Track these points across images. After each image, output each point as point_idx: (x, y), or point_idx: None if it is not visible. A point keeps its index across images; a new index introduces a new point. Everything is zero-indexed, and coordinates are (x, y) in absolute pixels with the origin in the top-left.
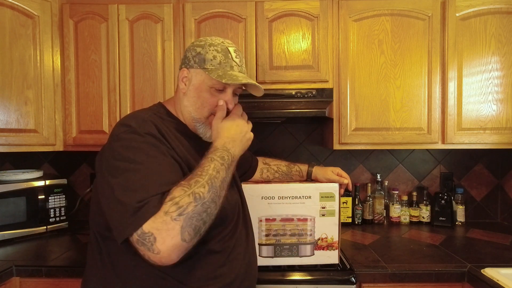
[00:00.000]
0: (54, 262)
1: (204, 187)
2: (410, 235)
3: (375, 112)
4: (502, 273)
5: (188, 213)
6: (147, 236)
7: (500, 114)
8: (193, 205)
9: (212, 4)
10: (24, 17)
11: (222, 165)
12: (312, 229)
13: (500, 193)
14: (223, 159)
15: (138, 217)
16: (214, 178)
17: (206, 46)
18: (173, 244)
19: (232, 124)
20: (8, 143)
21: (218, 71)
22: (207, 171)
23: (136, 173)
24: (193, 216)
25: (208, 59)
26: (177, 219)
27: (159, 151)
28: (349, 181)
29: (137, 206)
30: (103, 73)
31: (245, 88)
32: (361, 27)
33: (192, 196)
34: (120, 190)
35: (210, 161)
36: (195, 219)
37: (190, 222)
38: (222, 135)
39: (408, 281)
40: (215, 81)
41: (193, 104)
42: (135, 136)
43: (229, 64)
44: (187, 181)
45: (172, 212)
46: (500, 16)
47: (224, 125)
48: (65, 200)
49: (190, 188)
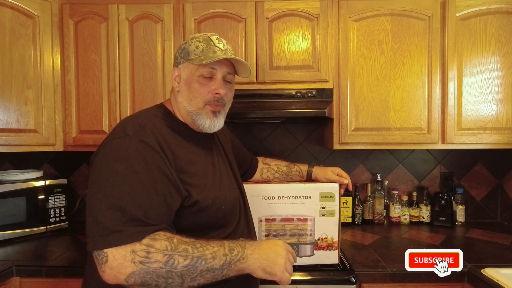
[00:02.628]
0: (54, 262)
1: (185, 259)
2: (410, 235)
3: (375, 112)
4: (502, 273)
5: (148, 267)
6: (102, 255)
7: (500, 114)
8: (159, 266)
9: (212, 4)
10: (24, 17)
11: (225, 256)
12: (312, 229)
13: (500, 193)
14: (231, 252)
15: (105, 241)
16: (203, 260)
17: (189, 40)
18: (115, 276)
19: (272, 242)
20: (8, 143)
21: (200, 57)
22: (204, 250)
23: (114, 188)
24: (150, 273)
25: (191, 50)
26: (135, 264)
27: (146, 166)
28: (349, 181)
29: (109, 229)
30: (103, 73)
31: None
32: (361, 27)
33: (166, 258)
34: (96, 203)
35: (219, 245)
36: (150, 277)
37: (143, 275)
38: (255, 241)
39: (408, 281)
40: (201, 69)
41: (186, 98)
42: (128, 144)
43: (212, 50)
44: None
45: (138, 256)
46: (500, 16)
47: (266, 240)
48: (65, 200)
49: (172, 250)
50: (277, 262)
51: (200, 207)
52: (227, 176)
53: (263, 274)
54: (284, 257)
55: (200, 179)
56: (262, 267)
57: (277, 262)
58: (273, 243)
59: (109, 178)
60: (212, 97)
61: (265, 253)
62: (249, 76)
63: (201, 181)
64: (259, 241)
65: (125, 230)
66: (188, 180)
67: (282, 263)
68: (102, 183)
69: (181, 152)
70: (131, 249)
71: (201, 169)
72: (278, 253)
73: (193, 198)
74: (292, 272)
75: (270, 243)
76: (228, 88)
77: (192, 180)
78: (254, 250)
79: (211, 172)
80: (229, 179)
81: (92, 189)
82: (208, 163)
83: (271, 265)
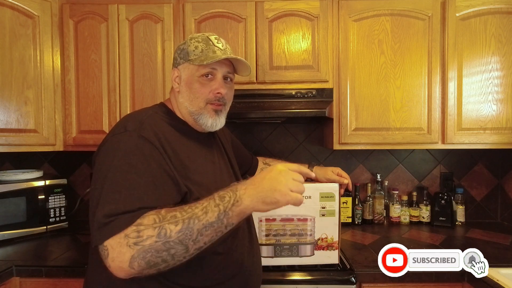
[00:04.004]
0: (54, 262)
1: (176, 225)
2: (410, 235)
3: (375, 112)
4: (502, 273)
5: (144, 246)
6: (104, 249)
7: (500, 114)
8: (153, 240)
9: (212, 4)
10: (24, 17)
11: (216, 207)
12: (312, 229)
13: (500, 193)
14: (222, 200)
15: (102, 233)
16: (195, 218)
17: (188, 41)
18: (120, 267)
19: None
20: (8, 143)
21: (201, 58)
22: (193, 209)
23: (112, 183)
24: (148, 251)
25: (191, 51)
26: (131, 247)
27: (145, 161)
28: (349, 181)
29: (104, 222)
30: (103, 73)
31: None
32: (361, 27)
33: (157, 230)
34: (95, 199)
35: (208, 199)
36: (150, 255)
37: (143, 255)
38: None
39: (408, 281)
40: (201, 69)
41: (187, 98)
42: (127, 139)
43: (211, 49)
44: (167, 211)
45: (131, 238)
46: (500, 16)
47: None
48: (65, 200)
49: (161, 221)
50: (275, 188)
51: None
52: (228, 174)
53: (265, 206)
54: (283, 180)
55: (201, 176)
56: (261, 200)
57: (275, 188)
58: (267, 171)
59: (108, 174)
60: (213, 96)
61: (259, 185)
62: (249, 75)
63: (202, 178)
64: (254, 176)
65: (119, 218)
66: (188, 177)
67: (282, 186)
68: (101, 179)
69: (181, 149)
70: (123, 234)
71: (201, 166)
72: (274, 178)
73: (194, 195)
74: (303, 189)
75: (264, 173)
76: (229, 87)
77: (193, 177)
78: (247, 187)
79: (211, 170)
80: (229, 177)
81: (93, 185)
82: (208, 161)
83: (269, 194)
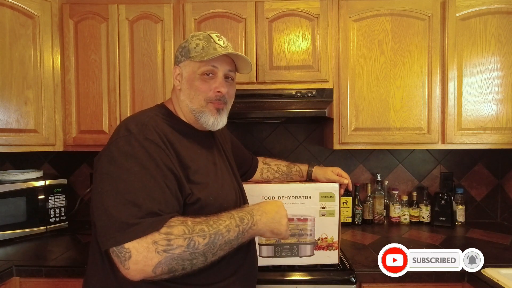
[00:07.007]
0: (54, 262)
1: (204, 239)
2: (410, 235)
3: (375, 112)
4: (502, 273)
5: (173, 253)
6: (124, 251)
7: (500, 114)
8: (182, 250)
9: (212, 4)
10: (24, 17)
11: (237, 227)
12: (312, 229)
13: (500, 193)
14: (242, 221)
15: (125, 235)
16: (220, 235)
17: (189, 39)
18: (142, 270)
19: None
20: (8, 143)
21: (202, 55)
22: (218, 225)
23: (127, 184)
24: (175, 259)
25: (192, 48)
26: (160, 253)
27: (154, 162)
28: (349, 181)
29: (127, 223)
30: (103, 73)
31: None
32: (361, 27)
33: (187, 241)
34: (110, 201)
35: (229, 218)
36: (176, 262)
37: (170, 262)
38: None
39: (408, 281)
40: (202, 67)
41: (188, 96)
42: (133, 142)
43: (212, 46)
44: (194, 223)
45: (160, 245)
46: (500, 16)
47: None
48: (65, 200)
49: (190, 233)
50: (281, 222)
51: (202, 205)
52: (228, 175)
53: (270, 234)
54: (286, 216)
55: (202, 177)
56: (270, 229)
57: (281, 222)
58: (275, 205)
59: (121, 175)
60: (214, 95)
61: (271, 216)
62: (250, 72)
63: (203, 179)
64: (262, 204)
65: (143, 222)
66: (190, 178)
67: (285, 222)
68: (114, 181)
69: (183, 150)
70: (151, 240)
71: (203, 167)
72: (281, 214)
73: (195, 196)
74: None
75: (272, 205)
76: (230, 85)
77: (194, 178)
78: (261, 215)
79: (212, 171)
80: (230, 179)
81: (102, 188)
82: (209, 162)
83: (277, 226)
